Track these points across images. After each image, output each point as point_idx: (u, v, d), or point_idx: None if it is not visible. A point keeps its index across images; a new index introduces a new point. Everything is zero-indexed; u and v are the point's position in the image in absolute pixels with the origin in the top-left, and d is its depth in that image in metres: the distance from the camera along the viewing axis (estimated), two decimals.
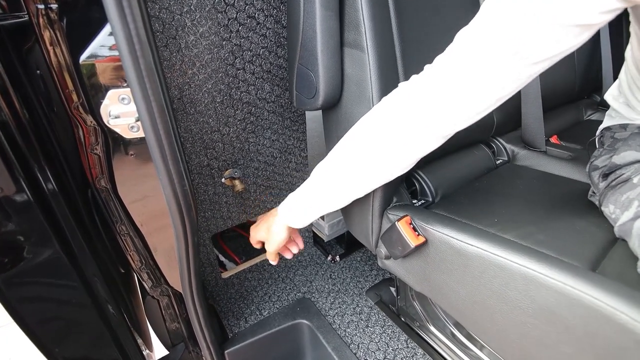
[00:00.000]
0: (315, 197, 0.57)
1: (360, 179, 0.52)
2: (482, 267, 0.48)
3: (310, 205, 0.57)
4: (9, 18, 0.52)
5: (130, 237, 0.67)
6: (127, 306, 0.82)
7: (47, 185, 0.58)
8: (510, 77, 0.39)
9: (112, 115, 0.51)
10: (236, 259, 1.08)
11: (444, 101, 0.43)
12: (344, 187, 0.54)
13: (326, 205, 0.57)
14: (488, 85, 0.40)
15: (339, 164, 0.53)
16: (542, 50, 0.37)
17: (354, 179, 0.52)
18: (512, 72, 0.39)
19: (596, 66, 1.11)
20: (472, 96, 0.41)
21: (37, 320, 0.62)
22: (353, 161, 0.51)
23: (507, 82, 0.40)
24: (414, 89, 0.46)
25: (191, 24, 0.65)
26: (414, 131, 0.46)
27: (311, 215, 0.59)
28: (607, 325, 0.37)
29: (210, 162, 0.80)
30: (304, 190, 0.58)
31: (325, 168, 0.55)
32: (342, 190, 0.54)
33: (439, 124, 0.45)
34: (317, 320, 0.92)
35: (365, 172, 0.51)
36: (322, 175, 0.55)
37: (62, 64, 0.52)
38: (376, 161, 0.50)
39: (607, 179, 0.55)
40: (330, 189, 0.55)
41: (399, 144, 0.47)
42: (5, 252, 0.54)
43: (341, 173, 0.53)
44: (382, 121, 0.48)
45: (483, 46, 0.38)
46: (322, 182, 0.55)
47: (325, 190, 0.55)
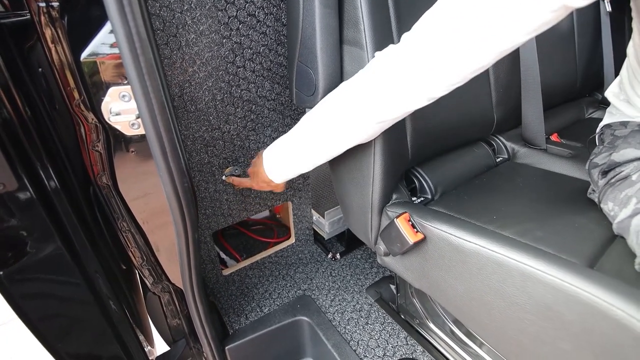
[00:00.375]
0: (294, 152, 0.59)
1: (333, 137, 0.54)
2: (480, 264, 0.48)
3: (290, 161, 0.60)
4: (10, 16, 0.53)
5: (131, 233, 0.67)
6: (129, 302, 0.82)
7: (50, 183, 0.59)
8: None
9: (113, 112, 0.52)
10: (237, 256, 1.09)
11: (417, 68, 0.43)
12: (320, 145, 0.55)
13: (304, 160, 0.59)
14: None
15: (317, 121, 0.55)
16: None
17: (329, 137, 0.54)
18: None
19: (597, 64, 1.10)
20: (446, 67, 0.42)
21: (40, 317, 0.63)
22: (329, 119, 0.53)
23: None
24: (389, 56, 0.46)
25: (191, 22, 0.65)
26: (385, 94, 0.46)
27: (289, 171, 0.62)
28: (604, 321, 0.37)
29: (211, 159, 0.80)
30: (282, 148, 0.61)
31: (303, 126, 0.57)
32: (316, 147, 0.56)
33: (413, 89, 0.45)
34: (317, 317, 0.92)
35: (338, 129, 0.52)
36: (301, 132, 0.57)
37: (63, 62, 0.52)
38: (349, 120, 0.51)
39: (606, 176, 0.55)
40: (306, 145, 0.57)
41: (372, 104, 0.48)
42: (8, 248, 0.54)
43: (318, 130, 0.54)
44: (356, 85, 0.49)
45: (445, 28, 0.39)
46: (301, 138, 0.57)
47: (302, 146, 0.57)
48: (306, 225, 1.09)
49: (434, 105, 0.68)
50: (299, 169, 0.61)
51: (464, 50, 0.39)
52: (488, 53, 0.39)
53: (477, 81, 0.78)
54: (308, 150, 0.57)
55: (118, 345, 0.77)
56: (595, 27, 1.08)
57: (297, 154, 0.58)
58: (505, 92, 0.82)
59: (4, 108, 0.51)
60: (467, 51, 0.39)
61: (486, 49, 0.38)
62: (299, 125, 0.58)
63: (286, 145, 0.60)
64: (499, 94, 0.81)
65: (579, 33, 1.04)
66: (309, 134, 0.56)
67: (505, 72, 0.81)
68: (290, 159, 0.60)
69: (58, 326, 0.66)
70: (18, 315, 0.58)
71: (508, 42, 0.37)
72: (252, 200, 0.93)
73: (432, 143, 0.72)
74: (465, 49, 0.39)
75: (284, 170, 0.62)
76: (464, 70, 0.42)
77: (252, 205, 0.93)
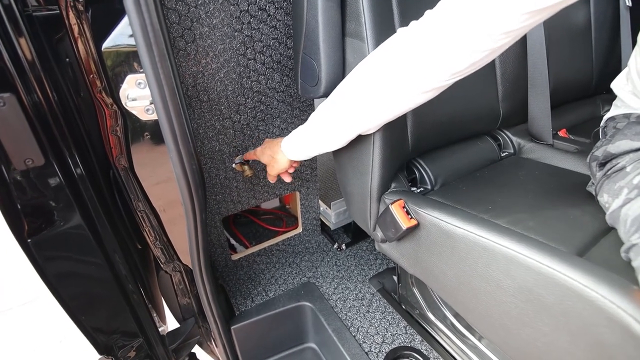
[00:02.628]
0: (313, 134, 0.61)
1: (356, 118, 0.55)
2: (468, 249, 0.50)
3: (309, 142, 0.62)
4: (43, 10, 0.58)
5: (146, 214, 0.73)
6: (143, 281, 0.88)
7: (73, 163, 0.64)
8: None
9: (130, 98, 0.57)
10: (246, 242, 1.13)
11: (441, 47, 0.44)
12: (340, 126, 0.57)
13: (323, 143, 0.61)
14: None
15: (336, 104, 0.56)
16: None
17: (351, 119, 0.55)
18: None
19: (616, 60, 1.07)
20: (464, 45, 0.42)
21: (68, 294, 0.68)
22: (349, 102, 0.54)
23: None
24: (415, 33, 0.46)
25: (205, 15, 0.70)
26: (410, 74, 0.47)
27: (309, 151, 0.64)
28: (580, 303, 0.38)
29: (222, 147, 0.85)
30: (305, 128, 0.62)
31: (324, 108, 0.58)
32: (337, 128, 0.58)
33: (436, 67, 0.45)
34: (319, 303, 0.95)
35: (361, 112, 0.54)
36: (321, 114, 0.59)
37: (87, 52, 0.57)
38: (371, 102, 0.52)
39: (603, 168, 0.55)
40: (326, 127, 0.59)
41: (395, 86, 0.49)
42: (36, 220, 0.60)
43: (338, 112, 0.56)
44: (379, 63, 0.50)
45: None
46: (320, 120, 0.59)
47: (322, 128, 0.59)
48: (313, 215, 1.12)
49: (435, 98, 0.70)
50: (324, 146, 0.62)
51: (488, 18, 0.39)
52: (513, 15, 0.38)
53: (482, 75, 0.79)
54: (336, 125, 0.58)
55: (133, 321, 0.82)
56: (614, 22, 1.05)
57: (323, 130, 0.60)
58: (512, 87, 0.82)
59: (35, 94, 0.56)
60: (492, 17, 0.39)
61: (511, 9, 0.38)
62: (324, 104, 0.59)
63: (314, 123, 0.61)
64: (505, 88, 0.81)
65: (596, 28, 1.02)
66: (336, 109, 0.57)
67: (513, 66, 0.81)
68: (316, 135, 0.61)
69: (82, 303, 0.72)
70: (49, 288, 0.64)
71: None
72: (260, 189, 0.97)
73: (434, 135, 0.74)
74: (490, 14, 0.39)
75: (305, 147, 0.64)
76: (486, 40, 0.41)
77: (261, 193, 0.97)
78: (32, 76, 0.53)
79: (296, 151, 0.65)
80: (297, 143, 0.64)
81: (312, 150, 0.64)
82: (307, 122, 0.62)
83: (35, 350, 1.41)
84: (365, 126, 0.57)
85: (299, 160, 0.70)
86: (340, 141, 0.61)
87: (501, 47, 0.43)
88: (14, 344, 1.44)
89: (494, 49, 0.43)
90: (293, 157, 0.67)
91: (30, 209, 0.57)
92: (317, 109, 0.60)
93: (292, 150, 0.66)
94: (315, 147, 0.63)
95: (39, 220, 0.58)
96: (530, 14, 0.38)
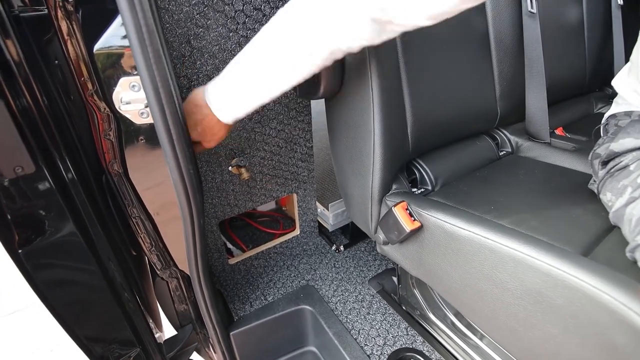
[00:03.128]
0: (246, 79, 0.50)
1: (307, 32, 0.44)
2: (473, 250, 0.49)
3: (242, 91, 0.50)
4: (29, 10, 0.56)
5: (141, 220, 0.70)
6: (139, 288, 0.86)
7: (65, 169, 0.62)
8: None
9: (123, 101, 0.55)
10: (243, 246, 1.12)
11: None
12: (273, 67, 0.48)
13: (259, 89, 0.50)
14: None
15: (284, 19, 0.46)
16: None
17: (302, 32, 0.45)
18: None
19: (608, 58, 1.09)
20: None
21: (59, 302, 0.66)
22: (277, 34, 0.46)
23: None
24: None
25: (199, 15, 0.68)
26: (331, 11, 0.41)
27: (245, 103, 0.51)
28: (590, 305, 0.38)
29: (218, 150, 0.83)
30: (230, 75, 0.51)
31: (252, 46, 0.49)
32: (272, 69, 0.48)
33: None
34: (319, 306, 0.94)
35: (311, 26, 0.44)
36: (250, 53, 0.49)
37: (78, 54, 0.55)
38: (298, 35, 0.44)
39: (606, 166, 0.55)
40: (271, 49, 0.47)
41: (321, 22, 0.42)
42: (27, 229, 0.58)
43: (286, 29, 0.46)
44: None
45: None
46: (251, 60, 0.49)
47: (257, 69, 0.49)
48: (311, 217, 1.11)
49: (434, 97, 0.69)
50: (258, 99, 0.50)
51: None
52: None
53: (481, 74, 0.78)
54: (270, 68, 0.48)
55: (129, 329, 0.80)
56: (606, 20, 1.06)
57: (256, 76, 0.49)
58: (509, 86, 0.82)
59: (23, 98, 0.54)
60: None
61: None
62: (251, 43, 0.49)
63: (240, 72, 0.50)
64: (502, 87, 0.81)
65: (589, 27, 1.03)
66: (266, 48, 0.48)
67: (510, 65, 0.81)
68: (248, 87, 0.50)
69: (75, 311, 0.70)
70: (40, 298, 0.62)
71: None
72: (257, 191, 0.95)
73: (434, 135, 0.73)
74: None
75: (239, 103, 0.51)
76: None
77: (258, 196, 0.96)
78: (20, 79, 0.51)
79: (233, 105, 0.51)
80: (231, 91, 0.51)
81: (255, 99, 0.50)
82: (234, 62, 0.51)
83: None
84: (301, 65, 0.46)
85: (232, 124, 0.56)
86: (284, 84, 0.49)
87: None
88: (2, 354, 1.40)
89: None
90: (229, 117, 0.53)
91: (21, 218, 0.54)
92: (242, 51, 0.50)
93: (227, 105, 0.52)
94: (251, 95, 0.50)
95: (29, 230, 0.56)
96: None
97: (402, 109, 0.65)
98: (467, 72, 0.74)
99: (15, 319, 1.51)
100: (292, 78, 0.49)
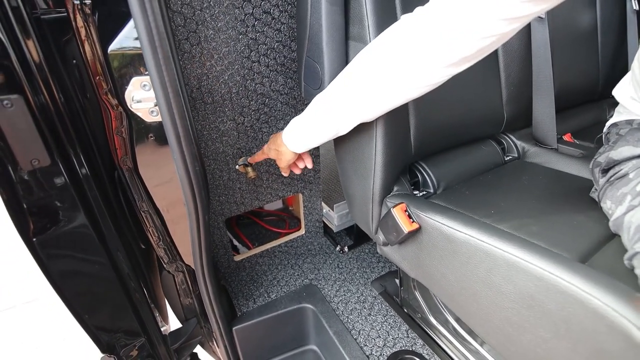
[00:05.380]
0: (313, 123, 0.60)
1: (358, 106, 0.53)
2: (469, 253, 0.49)
3: (309, 131, 0.61)
4: (51, 13, 0.59)
5: (149, 214, 0.73)
6: (146, 280, 0.89)
7: (79, 164, 0.65)
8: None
9: (134, 100, 0.57)
10: (249, 244, 1.14)
11: (446, 34, 0.42)
12: (340, 113, 0.56)
13: (323, 132, 0.59)
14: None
15: (338, 90, 0.55)
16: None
17: (352, 106, 0.54)
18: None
19: (622, 64, 1.07)
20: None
21: (72, 292, 0.69)
22: (352, 88, 0.52)
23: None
24: (421, 17, 0.45)
25: (210, 18, 0.70)
26: (416, 60, 0.45)
27: (310, 141, 0.62)
28: (581, 310, 0.38)
29: (225, 149, 0.85)
30: (303, 118, 0.61)
31: (325, 95, 0.57)
32: (337, 116, 0.56)
33: (440, 55, 0.44)
34: (321, 305, 0.95)
35: (363, 98, 0.52)
36: (322, 101, 0.57)
37: (94, 54, 0.58)
38: (375, 88, 0.50)
39: (606, 174, 0.54)
40: (326, 115, 0.57)
41: (400, 72, 0.47)
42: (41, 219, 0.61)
43: (339, 99, 0.54)
44: (384, 49, 0.48)
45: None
46: (320, 108, 0.58)
47: (322, 116, 0.58)
48: (316, 217, 1.12)
49: (438, 101, 0.69)
50: (325, 135, 0.60)
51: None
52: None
53: (487, 78, 0.78)
54: (336, 112, 0.56)
55: (136, 321, 0.83)
56: (621, 25, 1.04)
57: (322, 117, 0.58)
58: (517, 90, 0.82)
59: (42, 95, 0.57)
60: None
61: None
62: (324, 91, 0.57)
63: (313, 112, 0.60)
64: (509, 91, 0.81)
65: (602, 31, 1.01)
66: (338, 97, 0.55)
67: (517, 69, 0.80)
68: (315, 124, 0.60)
69: (86, 301, 0.72)
70: (54, 288, 0.65)
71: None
72: (263, 190, 0.97)
73: (437, 139, 0.73)
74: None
75: (306, 137, 0.62)
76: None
77: (264, 194, 0.98)
78: (39, 78, 0.54)
79: (297, 142, 0.64)
80: (297, 134, 0.63)
81: (313, 140, 0.62)
82: (305, 111, 0.61)
83: (37, 349, 1.42)
84: (367, 114, 0.55)
85: (306, 151, 0.70)
86: (342, 128, 0.58)
87: (512, 31, 0.41)
88: (16, 342, 1.45)
89: (505, 34, 0.41)
90: (295, 149, 0.66)
91: (36, 208, 0.58)
92: (316, 97, 0.59)
93: (293, 141, 0.65)
94: (316, 137, 0.61)
95: (44, 219, 0.59)
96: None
97: (405, 112, 0.66)
98: (472, 76, 0.74)
99: (28, 309, 1.57)
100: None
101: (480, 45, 0.42)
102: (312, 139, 0.62)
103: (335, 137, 0.62)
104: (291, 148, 0.66)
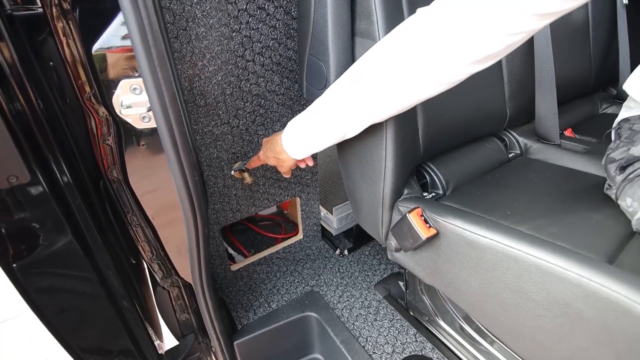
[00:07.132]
0: (318, 127, 0.55)
1: (370, 106, 0.49)
2: (496, 260, 0.47)
3: (314, 136, 0.56)
4: (22, 9, 0.53)
5: (141, 227, 0.68)
6: (139, 297, 0.83)
7: (62, 176, 0.59)
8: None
9: (124, 105, 0.52)
10: (245, 252, 1.09)
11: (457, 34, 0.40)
12: (351, 114, 0.52)
13: (330, 136, 0.55)
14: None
15: (348, 89, 0.51)
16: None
17: (364, 106, 0.50)
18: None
19: (613, 58, 1.08)
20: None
21: (53, 311, 0.63)
22: (365, 86, 0.49)
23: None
24: (442, 12, 0.41)
25: (201, 15, 0.65)
26: (436, 58, 0.42)
27: (315, 146, 0.58)
28: (625, 317, 0.36)
29: (220, 154, 0.80)
30: (306, 121, 0.56)
31: (329, 96, 0.53)
32: (347, 117, 0.52)
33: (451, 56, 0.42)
34: (325, 313, 0.92)
35: (377, 98, 0.48)
36: (328, 102, 0.53)
37: (74, 55, 0.52)
38: (390, 87, 0.47)
39: (624, 171, 0.53)
40: (334, 117, 0.53)
41: (418, 69, 0.44)
42: (22, 241, 0.55)
43: (350, 99, 0.50)
44: (400, 44, 0.45)
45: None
46: (326, 110, 0.53)
47: (329, 118, 0.53)
48: (314, 221, 1.08)
49: (446, 99, 0.67)
50: (332, 139, 0.56)
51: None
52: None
53: (489, 76, 0.77)
54: (347, 113, 0.52)
55: (129, 340, 0.77)
56: (611, 20, 1.05)
57: (330, 120, 0.53)
58: (519, 86, 0.80)
59: (17, 101, 0.51)
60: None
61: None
62: (325, 94, 0.53)
63: (317, 114, 0.55)
64: (512, 88, 0.80)
65: (594, 26, 1.02)
66: (341, 100, 0.51)
67: (519, 65, 0.79)
68: (321, 127, 0.55)
69: (71, 320, 0.67)
70: (32, 309, 0.59)
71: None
72: (260, 196, 0.93)
73: (444, 138, 0.71)
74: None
75: (310, 143, 0.58)
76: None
77: (261, 200, 0.93)
78: (13, 82, 0.48)
79: (299, 148, 0.59)
80: (299, 139, 0.58)
81: (317, 145, 0.57)
82: (306, 114, 0.56)
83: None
84: (380, 115, 0.51)
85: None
86: (350, 131, 0.54)
87: (541, 28, 0.39)
88: None
89: (533, 30, 0.39)
90: (297, 156, 0.61)
91: (15, 230, 0.51)
92: (318, 98, 0.54)
93: (295, 147, 0.60)
94: (321, 141, 0.56)
95: (25, 243, 0.53)
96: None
97: (413, 112, 0.63)
98: (477, 73, 0.72)
99: (6, 327, 1.47)
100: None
101: (509, 41, 0.39)
102: (316, 143, 0.57)
103: (342, 140, 0.57)
104: (292, 155, 0.61)
